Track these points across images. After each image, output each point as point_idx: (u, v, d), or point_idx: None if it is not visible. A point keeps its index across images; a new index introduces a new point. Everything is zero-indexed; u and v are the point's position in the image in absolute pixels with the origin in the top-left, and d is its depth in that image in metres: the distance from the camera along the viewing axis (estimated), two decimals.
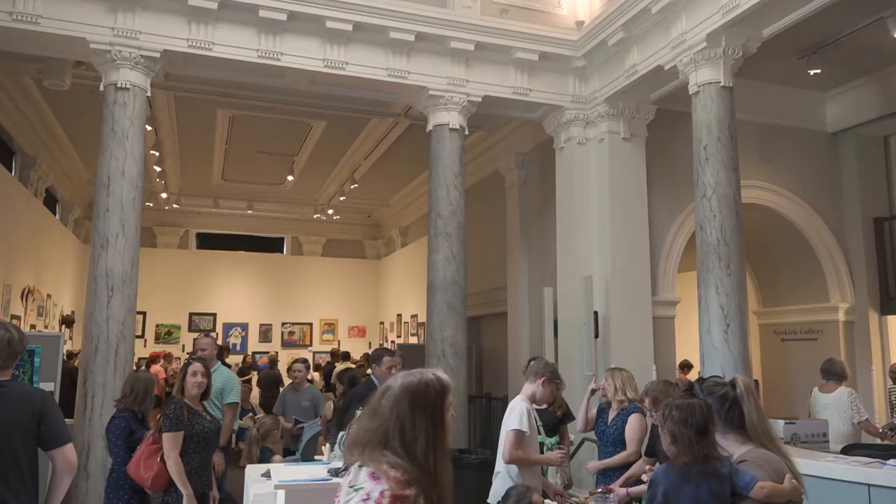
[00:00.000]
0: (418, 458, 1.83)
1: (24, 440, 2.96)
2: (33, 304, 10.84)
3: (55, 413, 3.09)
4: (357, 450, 1.89)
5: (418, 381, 1.94)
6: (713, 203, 6.39)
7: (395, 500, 1.76)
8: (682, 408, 2.39)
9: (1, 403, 2.95)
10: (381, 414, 1.90)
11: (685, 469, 2.30)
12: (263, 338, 16.18)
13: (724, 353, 6.14)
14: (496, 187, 10.83)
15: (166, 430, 4.25)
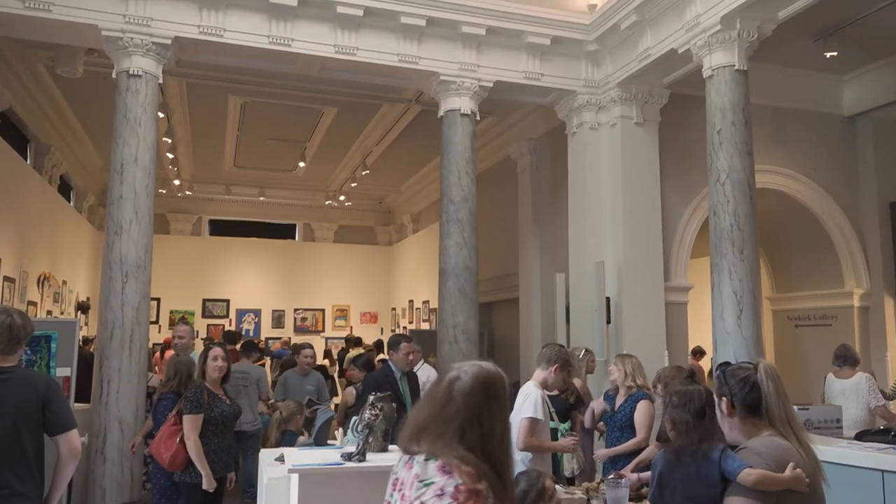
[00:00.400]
0: (493, 450, 1.80)
1: (28, 426, 2.97)
2: (49, 290, 10.96)
3: (60, 399, 3.11)
4: (426, 440, 1.84)
5: (489, 373, 1.89)
6: (727, 188, 6.34)
7: (471, 496, 1.71)
8: (682, 394, 2.45)
9: (5, 389, 2.97)
10: (453, 404, 1.83)
11: (680, 451, 2.35)
12: (276, 324, 16.27)
13: (737, 338, 6.11)
14: (508, 173, 10.79)
15: (187, 413, 4.39)
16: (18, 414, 2.95)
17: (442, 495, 1.71)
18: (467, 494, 1.70)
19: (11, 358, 3.06)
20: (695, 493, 2.23)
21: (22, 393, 2.98)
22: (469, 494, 1.71)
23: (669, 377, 4.28)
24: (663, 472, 2.34)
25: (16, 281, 9.36)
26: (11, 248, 9.19)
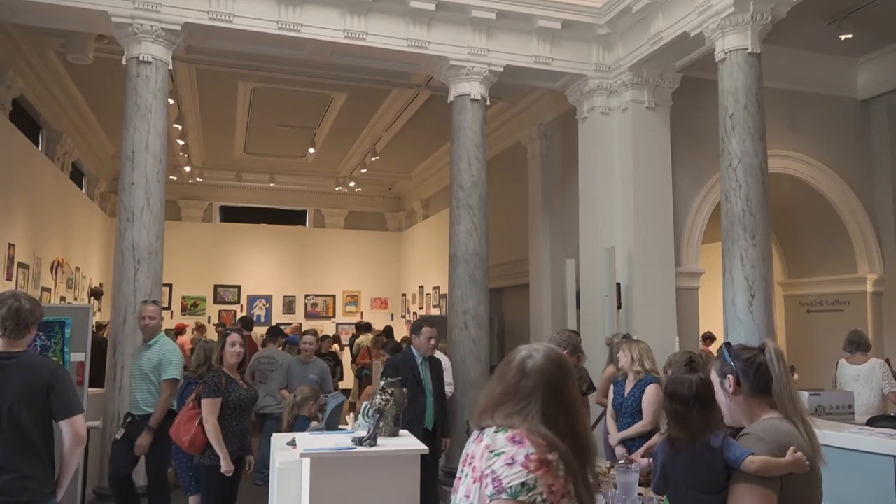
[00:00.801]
0: (576, 427, 1.82)
1: (34, 411, 2.99)
2: (63, 276, 11.05)
3: (65, 384, 3.10)
4: (501, 414, 1.85)
5: (558, 352, 1.94)
6: (739, 173, 6.29)
7: (541, 465, 1.72)
8: (675, 382, 2.42)
9: (12, 375, 2.99)
10: (529, 380, 1.86)
11: (678, 442, 2.34)
12: (287, 310, 16.35)
13: (749, 324, 6.09)
14: (518, 158, 10.75)
15: (205, 397, 4.53)
16: (24, 399, 2.97)
17: (512, 464, 1.72)
18: (538, 463, 1.71)
19: (20, 343, 3.09)
20: (699, 483, 2.23)
21: (27, 378, 3.00)
22: (540, 464, 1.71)
23: (681, 363, 4.27)
24: (665, 462, 2.33)
25: (30, 267, 9.44)
26: (25, 235, 9.27)
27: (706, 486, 2.22)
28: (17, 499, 2.91)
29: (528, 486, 1.69)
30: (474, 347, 7.54)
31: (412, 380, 5.29)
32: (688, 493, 2.25)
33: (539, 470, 1.71)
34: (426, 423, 5.27)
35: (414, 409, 5.20)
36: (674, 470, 2.29)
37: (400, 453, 3.15)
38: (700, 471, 2.23)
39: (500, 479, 1.71)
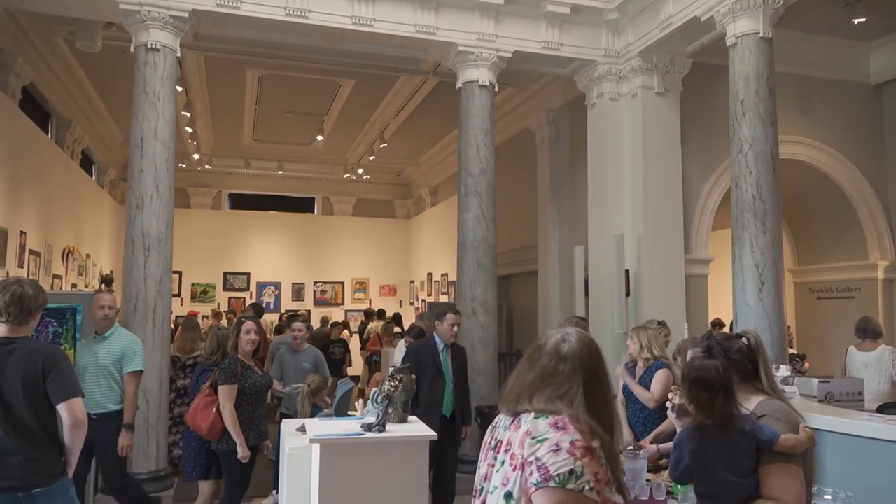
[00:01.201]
0: (606, 412, 1.81)
1: (34, 395, 3.01)
2: (74, 263, 11.12)
3: (60, 368, 3.09)
4: (539, 399, 1.82)
5: (590, 337, 1.93)
6: (749, 159, 6.24)
7: (587, 452, 1.69)
8: (699, 369, 2.38)
9: (12, 360, 3.01)
10: (567, 364, 1.85)
11: (707, 430, 2.29)
12: (296, 296, 16.42)
13: (758, 311, 6.07)
14: (527, 145, 10.71)
15: (222, 384, 4.60)
16: (24, 384, 2.99)
17: (558, 450, 1.68)
18: (584, 451, 1.68)
19: (23, 329, 3.11)
20: (734, 467, 2.21)
21: (25, 363, 3.02)
22: (585, 451, 1.68)
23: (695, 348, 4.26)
24: (696, 450, 2.27)
25: (41, 254, 9.51)
26: (36, 223, 9.32)
27: (740, 469, 2.21)
28: (24, 482, 2.94)
29: (576, 474, 1.66)
30: (483, 334, 7.55)
31: (432, 366, 5.30)
32: (723, 478, 2.21)
33: (585, 457, 1.68)
34: (444, 410, 5.29)
35: (432, 396, 5.22)
36: (707, 457, 2.23)
37: (409, 439, 3.16)
38: (735, 455, 2.22)
39: (546, 467, 1.67)
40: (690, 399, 2.34)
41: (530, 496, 1.70)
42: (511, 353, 10.57)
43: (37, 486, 2.96)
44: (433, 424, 4.56)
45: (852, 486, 3.18)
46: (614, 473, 1.77)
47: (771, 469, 2.20)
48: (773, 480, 2.19)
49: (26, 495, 2.93)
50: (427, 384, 5.22)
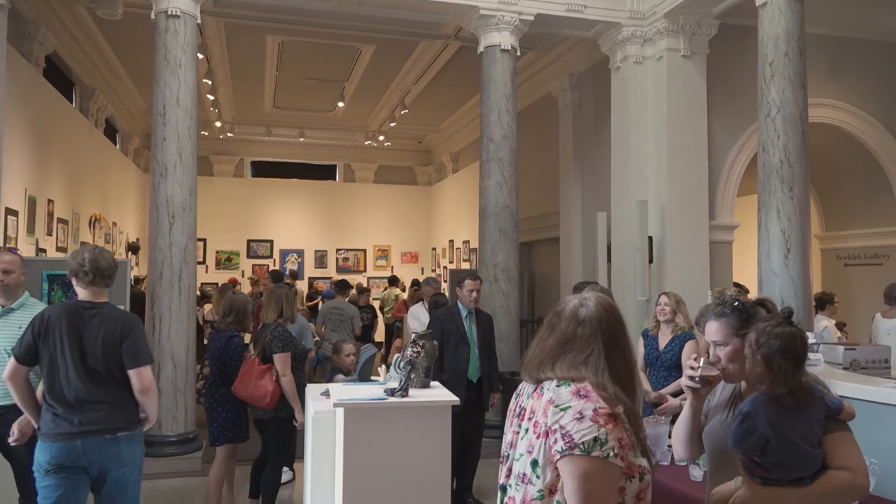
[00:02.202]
0: (627, 376, 1.81)
1: (114, 356, 3.28)
2: (100, 231, 11.29)
3: (136, 336, 3.35)
4: (562, 366, 1.82)
5: (609, 300, 1.92)
6: (777, 123, 6.11)
7: (610, 419, 1.69)
8: (783, 337, 2.24)
9: (96, 322, 3.29)
10: (586, 328, 1.85)
11: (783, 399, 2.19)
12: (319, 264, 16.55)
13: (784, 278, 6.00)
14: (549, 110, 10.58)
15: (279, 351, 4.65)
16: (104, 345, 3.27)
17: (582, 418, 1.68)
18: (607, 417, 1.69)
19: (103, 294, 3.40)
20: (810, 437, 2.16)
21: (106, 326, 3.30)
22: (609, 418, 1.69)
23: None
24: (774, 420, 2.16)
25: (68, 222, 9.66)
26: (63, 191, 9.45)
27: (814, 439, 2.15)
28: (109, 425, 3.24)
29: (600, 441, 1.66)
30: (504, 301, 7.56)
31: (455, 333, 5.36)
32: (801, 448, 2.16)
33: (609, 424, 1.68)
34: (470, 376, 5.35)
35: (457, 362, 5.28)
36: (786, 427, 2.15)
37: (431, 404, 3.20)
38: (810, 425, 2.17)
39: (570, 435, 1.68)
40: (770, 368, 2.22)
41: (555, 463, 1.71)
42: (533, 319, 10.58)
43: (121, 430, 3.27)
44: (459, 390, 4.61)
45: (877, 454, 3.16)
46: (637, 437, 1.78)
47: (836, 437, 2.17)
48: (839, 449, 2.17)
49: (112, 438, 3.23)
50: (451, 351, 5.28)
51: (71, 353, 3.24)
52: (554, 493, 1.73)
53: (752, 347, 2.23)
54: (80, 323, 3.28)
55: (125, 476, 3.29)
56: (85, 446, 3.19)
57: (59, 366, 3.24)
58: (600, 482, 1.66)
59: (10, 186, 7.24)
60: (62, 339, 3.24)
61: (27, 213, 7.96)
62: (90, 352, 3.25)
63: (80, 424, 3.20)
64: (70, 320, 3.28)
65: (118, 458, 3.25)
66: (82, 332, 3.27)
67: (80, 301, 3.37)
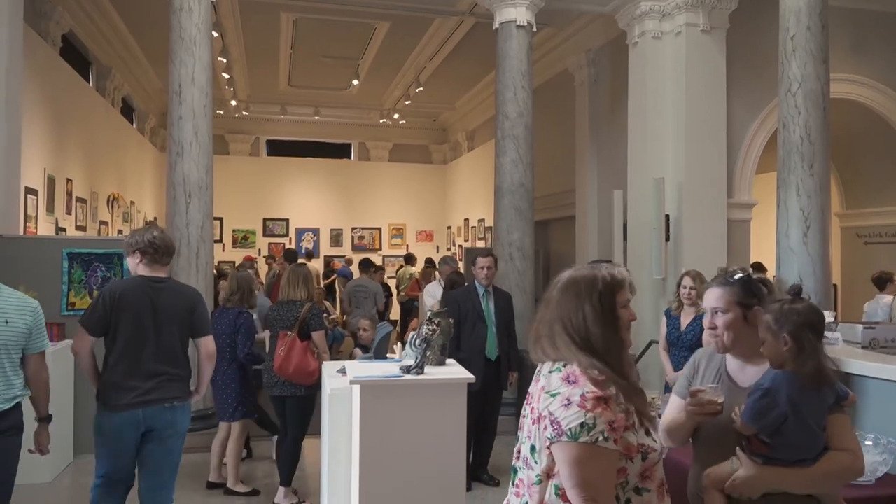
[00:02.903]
0: (599, 350, 1.76)
1: (180, 326, 3.55)
2: (119, 210, 11.38)
3: (203, 308, 3.71)
4: (543, 345, 1.83)
5: (586, 272, 1.86)
6: (798, 98, 6.01)
7: (598, 403, 1.67)
8: (805, 311, 2.20)
9: (164, 296, 3.53)
10: (553, 304, 1.85)
11: (808, 378, 2.15)
12: (334, 242, 16.60)
13: (803, 256, 5.94)
14: (565, 87, 10.48)
15: (318, 329, 4.81)
16: (174, 317, 3.52)
17: (569, 405, 1.68)
18: (595, 402, 1.67)
19: (165, 270, 3.63)
20: (821, 421, 2.14)
21: (176, 299, 3.57)
22: (597, 402, 1.67)
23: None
24: (795, 398, 2.12)
25: (87, 201, 9.74)
26: (81, 170, 9.53)
27: (822, 421, 2.14)
28: (168, 395, 3.46)
29: (587, 427, 1.65)
30: (520, 279, 7.56)
31: (472, 311, 5.38)
32: (812, 431, 2.13)
33: (597, 408, 1.66)
34: (488, 354, 5.37)
35: (474, 340, 5.30)
36: (803, 405, 2.11)
37: (446, 382, 3.21)
38: (822, 406, 2.16)
39: (558, 422, 1.68)
40: (799, 343, 2.18)
41: (549, 449, 1.72)
42: None
43: (178, 399, 3.49)
44: (477, 369, 4.63)
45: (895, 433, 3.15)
46: (640, 416, 1.76)
47: (838, 419, 2.16)
48: (841, 431, 2.16)
49: (171, 406, 3.45)
50: (469, 329, 5.31)
51: (146, 325, 3.45)
52: (551, 478, 1.74)
53: (775, 326, 2.18)
54: (153, 296, 3.49)
55: (174, 443, 3.52)
56: (146, 414, 3.39)
57: (131, 337, 3.43)
58: (591, 466, 1.65)
59: (30, 165, 7.30)
60: (137, 311, 3.43)
61: (46, 191, 8.04)
62: (165, 322, 3.49)
63: (143, 394, 3.38)
64: (143, 293, 3.48)
65: (173, 426, 3.48)
66: (156, 304, 3.48)
67: (146, 276, 3.54)
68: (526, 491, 1.81)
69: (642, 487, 1.74)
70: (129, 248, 3.55)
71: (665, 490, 1.81)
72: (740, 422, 2.15)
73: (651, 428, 1.80)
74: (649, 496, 1.75)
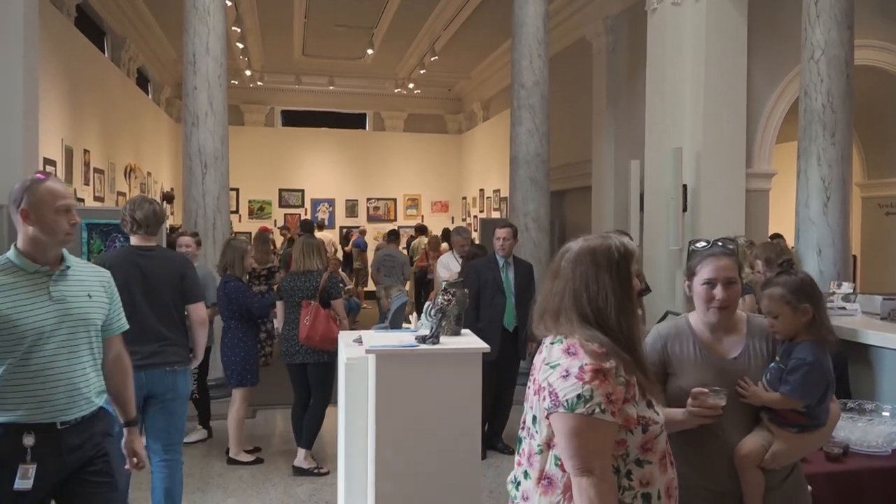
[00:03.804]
0: (611, 321, 1.75)
1: (172, 292, 3.67)
2: (136, 181, 11.45)
3: (193, 274, 3.83)
4: (549, 319, 1.81)
5: (600, 242, 1.84)
6: (821, 65, 5.89)
7: (596, 375, 1.67)
8: (807, 281, 2.24)
9: (153, 263, 3.64)
10: (563, 276, 1.81)
11: (833, 342, 2.22)
12: (350, 213, 16.63)
13: (822, 227, 5.87)
14: (582, 55, 10.33)
15: (338, 297, 4.97)
16: (165, 283, 3.65)
17: (567, 376, 1.69)
18: (592, 374, 1.67)
19: (154, 239, 3.72)
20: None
21: (167, 266, 3.69)
22: (595, 374, 1.67)
23: (771, 252, 4.16)
24: (829, 367, 2.17)
25: (104, 172, 9.80)
26: (98, 141, 9.57)
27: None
28: (167, 359, 3.59)
29: (584, 398, 1.65)
30: (535, 250, 7.54)
31: (492, 282, 5.42)
32: (828, 399, 2.17)
33: (595, 380, 1.66)
34: (506, 324, 5.40)
35: (493, 311, 5.33)
36: (828, 369, 2.17)
37: (462, 351, 3.23)
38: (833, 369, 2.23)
39: (556, 393, 1.69)
40: (818, 313, 2.18)
41: (548, 420, 1.74)
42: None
43: (178, 364, 3.65)
44: (495, 339, 4.66)
45: None
46: (643, 390, 1.76)
47: None
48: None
49: (171, 370, 3.60)
50: (488, 300, 5.35)
51: (137, 292, 3.55)
52: (551, 448, 1.75)
53: (793, 299, 2.18)
54: (142, 264, 3.61)
55: (176, 405, 3.66)
56: (148, 377, 3.49)
57: (127, 304, 3.39)
58: (587, 438, 1.65)
59: (47, 136, 7.34)
60: (126, 279, 3.49)
61: (64, 162, 8.09)
62: (156, 289, 3.60)
63: (143, 358, 3.45)
64: (131, 262, 3.60)
65: (174, 389, 3.61)
66: (145, 271, 3.60)
67: (135, 245, 3.67)
68: (526, 460, 1.83)
69: (643, 459, 1.74)
70: (121, 220, 3.71)
71: (669, 463, 1.81)
72: (785, 397, 2.13)
73: (654, 400, 1.80)
74: (651, 468, 1.75)
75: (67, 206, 2.37)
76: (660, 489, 1.76)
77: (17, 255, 2.34)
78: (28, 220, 2.32)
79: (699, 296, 2.22)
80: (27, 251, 2.35)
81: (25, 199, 2.32)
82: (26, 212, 2.32)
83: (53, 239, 2.35)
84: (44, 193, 2.33)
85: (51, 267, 2.37)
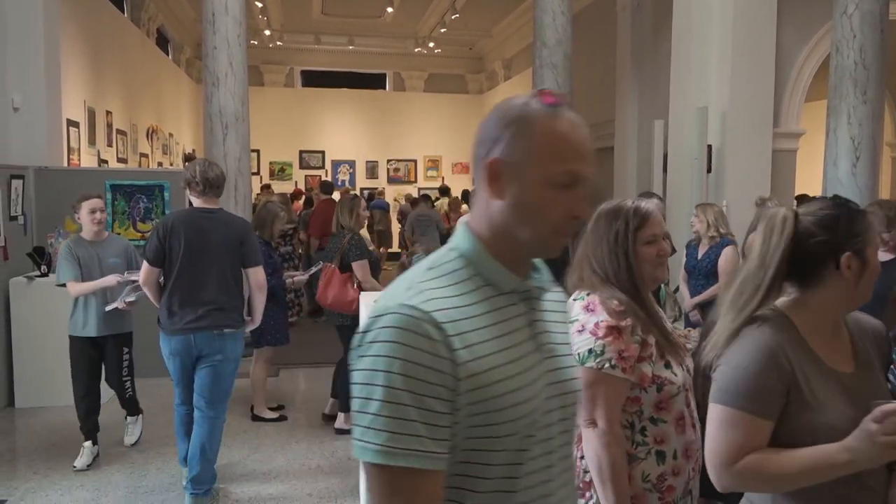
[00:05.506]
0: (623, 282, 1.80)
1: (231, 255, 3.69)
2: (158, 142, 11.52)
3: (252, 238, 3.86)
4: (576, 276, 1.89)
5: (613, 206, 1.91)
6: (854, 21, 5.71)
7: (611, 331, 1.73)
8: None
9: (213, 225, 3.66)
10: (585, 238, 1.92)
11: None
12: (370, 174, 16.61)
13: (851, 187, 5.76)
14: (606, 12, 10.10)
15: (359, 259, 4.79)
16: (224, 245, 3.66)
17: (582, 331, 1.76)
18: (607, 330, 1.73)
19: (216, 201, 3.74)
20: None
21: (226, 230, 3.69)
22: (609, 330, 1.73)
23: None
24: None
25: (127, 133, 9.86)
26: (120, 102, 9.61)
27: None
28: (218, 322, 3.63)
29: (595, 353, 1.72)
30: None
31: None
32: None
33: (608, 336, 1.72)
34: None
35: None
36: None
37: None
38: None
39: (569, 346, 1.72)
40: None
41: None
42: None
43: (228, 328, 3.66)
44: None
45: None
46: (661, 349, 1.78)
47: None
48: None
49: (220, 333, 3.63)
50: None
51: (196, 253, 3.59)
52: None
53: None
54: (203, 226, 3.64)
55: (224, 367, 3.70)
56: (196, 339, 3.60)
57: (185, 265, 3.59)
58: (595, 391, 1.71)
59: (70, 97, 7.38)
60: (187, 240, 3.58)
61: (87, 124, 8.15)
62: (215, 251, 3.62)
63: (193, 321, 3.58)
64: (193, 224, 3.64)
65: (222, 351, 3.66)
66: (205, 233, 3.63)
67: (198, 207, 3.70)
68: None
69: (657, 418, 1.78)
70: (184, 182, 3.73)
71: (688, 424, 1.81)
72: None
73: (674, 361, 1.80)
74: (665, 427, 1.78)
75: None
76: (676, 449, 1.78)
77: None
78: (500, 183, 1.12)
79: (854, 284, 1.46)
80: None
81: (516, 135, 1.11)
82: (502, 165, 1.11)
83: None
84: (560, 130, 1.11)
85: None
